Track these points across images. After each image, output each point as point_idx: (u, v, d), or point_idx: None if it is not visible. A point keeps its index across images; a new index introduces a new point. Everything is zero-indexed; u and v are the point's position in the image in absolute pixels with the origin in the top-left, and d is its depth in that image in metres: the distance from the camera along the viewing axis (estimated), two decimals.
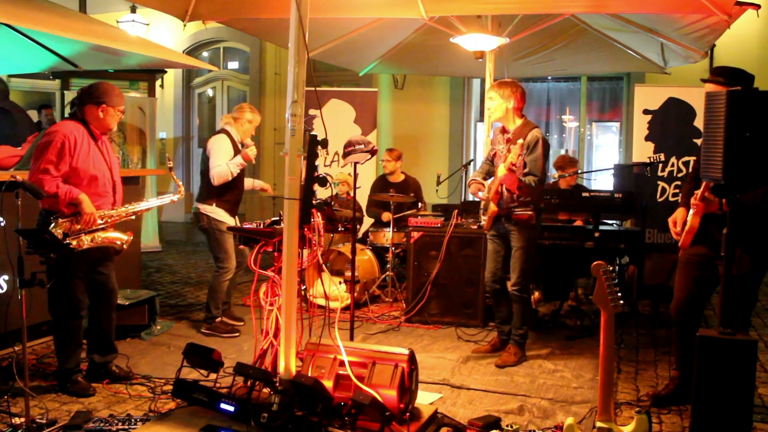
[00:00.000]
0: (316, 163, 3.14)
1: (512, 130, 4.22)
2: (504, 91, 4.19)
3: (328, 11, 4.26)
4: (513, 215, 4.20)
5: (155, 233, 8.82)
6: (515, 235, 4.22)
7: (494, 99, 4.22)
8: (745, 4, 4.02)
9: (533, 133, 4.10)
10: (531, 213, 4.17)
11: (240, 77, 11.14)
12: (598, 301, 2.86)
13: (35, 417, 3.16)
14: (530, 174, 4.09)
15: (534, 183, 4.08)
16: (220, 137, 4.89)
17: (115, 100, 3.68)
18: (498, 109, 4.22)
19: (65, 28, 4.18)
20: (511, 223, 4.22)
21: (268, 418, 2.88)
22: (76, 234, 3.50)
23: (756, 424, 3.28)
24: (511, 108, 4.20)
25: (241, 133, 4.97)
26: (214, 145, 4.84)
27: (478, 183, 4.39)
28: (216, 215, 4.83)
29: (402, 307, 5.66)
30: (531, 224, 4.19)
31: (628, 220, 6.41)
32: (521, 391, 3.80)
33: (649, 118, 6.07)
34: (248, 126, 4.97)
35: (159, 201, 4.03)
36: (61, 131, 3.51)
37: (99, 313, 3.82)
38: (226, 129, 4.94)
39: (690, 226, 3.41)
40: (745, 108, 2.69)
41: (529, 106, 9.56)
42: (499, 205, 4.24)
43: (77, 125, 3.60)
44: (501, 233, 4.33)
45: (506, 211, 4.22)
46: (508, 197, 4.19)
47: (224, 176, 4.79)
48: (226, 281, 4.90)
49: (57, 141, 3.46)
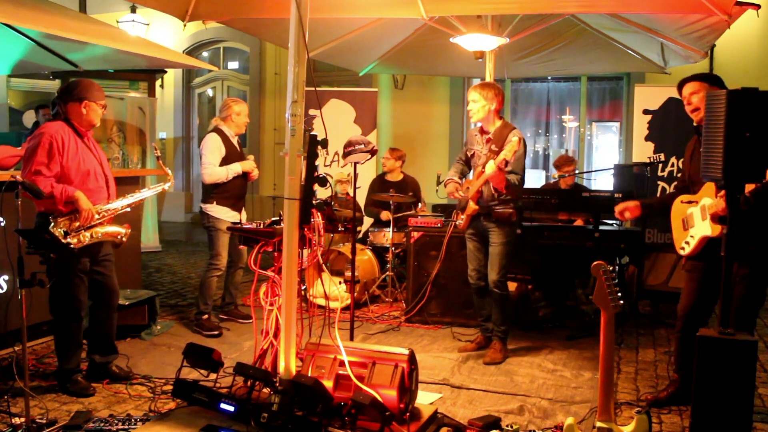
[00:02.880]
0: (316, 163, 3.14)
1: (492, 131, 4.30)
2: (488, 93, 4.26)
3: (328, 11, 4.26)
4: (494, 213, 4.27)
5: (155, 233, 8.82)
6: (495, 232, 4.28)
7: (477, 101, 4.29)
8: (745, 4, 4.02)
9: (515, 133, 4.19)
10: (512, 210, 4.27)
11: (240, 77, 11.14)
12: (598, 301, 2.86)
13: (35, 417, 3.16)
14: (513, 172, 4.20)
15: (517, 181, 4.21)
16: (210, 136, 4.94)
17: (96, 94, 3.69)
18: (481, 110, 4.29)
19: (65, 28, 4.18)
20: (491, 221, 4.29)
21: (268, 418, 2.88)
22: (76, 231, 3.51)
23: (756, 425, 3.28)
24: (493, 110, 4.28)
25: (235, 127, 5.02)
26: (205, 145, 4.92)
27: (455, 182, 4.45)
28: (215, 213, 4.88)
29: (402, 307, 5.67)
30: (511, 221, 4.29)
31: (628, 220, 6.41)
32: (521, 391, 3.80)
33: (649, 118, 6.06)
34: (239, 118, 5.01)
35: (151, 191, 4.03)
36: (47, 132, 3.51)
37: (100, 314, 3.83)
38: (218, 128, 4.99)
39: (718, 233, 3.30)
40: (745, 108, 2.69)
41: (529, 106, 9.65)
42: (479, 204, 4.30)
43: (62, 125, 3.61)
44: (479, 231, 4.39)
45: (486, 209, 4.29)
46: (489, 196, 4.27)
47: (216, 177, 4.84)
48: (213, 278, 4.96)
49: (44, 142, 3.47)
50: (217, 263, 4.94)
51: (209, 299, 4.98)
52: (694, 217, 3.46)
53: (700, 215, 3.41)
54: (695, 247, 3.41)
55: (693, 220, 3.47)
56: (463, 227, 4.46)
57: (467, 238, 4.50)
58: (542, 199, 5.21)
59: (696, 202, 3.44)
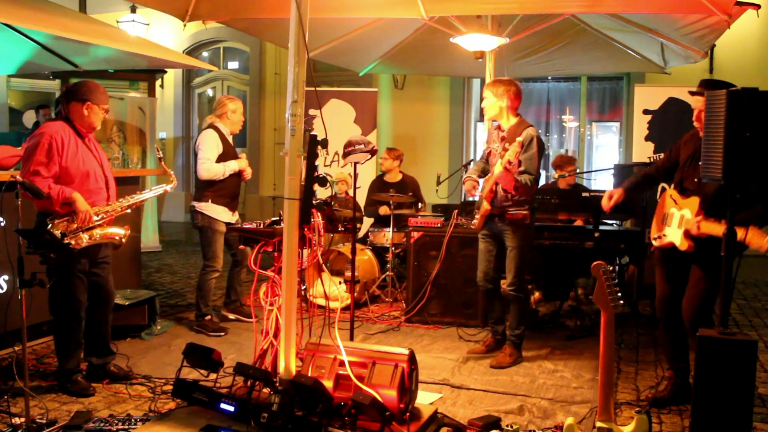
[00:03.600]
0: (316, 163, 3.14)
1: (507, 129, 4.21)
2: (497, 89, 4.18)
3: (328, 11, 4.26)
4: (507, 215, 4.16)
5: (155, 233, 8.82)
6: (509, 234, 4.19)
7: (488, 98, 4.22)
8: (745, 4, 4.02)
9: (528, 132, 4.08)
10: (525, 212, 4.15)
11: (240, 77, 11.14)
12: (598, 301, 2.86)
13: (35, 417, 3.16)
14: (526, 173, 4.07)
15: (529, 182, 4.07)
16: (208, 132, 4.90)
17: (99, 98, 3.67)
18: (492, 107, 4.22)
19: (65, 28, 4.18)
20: (505, 223, 4.19)
21: (268, 418, 2.88)
22: (73, 233, 3.49)
23: (756, 424, 3.28)
24: (504, 107, 4.18)
25: (230, 125, 4.99)
26: (202, 140, 4.86)
27: (473, 180, 4.38)
28: (212, 213, 4.83)
29: (402, 307, 5.66)
30: (525, 224, 4.17)
31: (628, 220, 6.41)
32: (521, 391, 3.80)
33: (649, 118, 6.07)
34: (234, 116, 4.97)
35: (152, 192, 4.01)
36: (47, 132, 3.50)
37: (96, 315, 3.81)
38: (214, 125, 4.95)
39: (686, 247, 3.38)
40: (745, 108, 2.69)
41: (529, 106, 9.64)
42: (493, 204, 4.21)
43: (63, 125, 3.59)
44: (493, 232, 4.30)
45: (500, 210, 4.19)
46: (503, 196, 4.16)
47: (213, 173, 4.79)
48: (212, 279, 4.93)
49: (44, 142, 3.45)
50: (215, 265, 4.89)
51: (209, 300, 4.96)
52: (672, 219, 3.52)
53: (677, 222, 3.45)
54: (664, 245, 3.55)
55: (671, 222, 3.52)
56: (478, 227, 4.36)
57: (480, 239, 4.40)
58: (542, 199, 5.21)
59: (679, 207, 3.47)
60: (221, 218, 4.84)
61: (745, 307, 6.00)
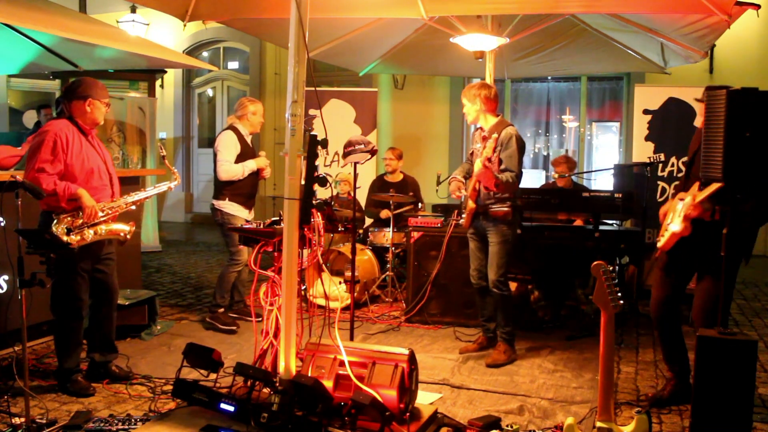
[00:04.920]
0: (316, 163, 3.14)
1: (487, 129, 4.31)
2: (470, 94, 4.29)
3: (328, 11, 4.26)
4: (490, 211, 4.25)
5: (155, 233, 8.82)
6: (492, 231, 4.27)
7: (465, 104, 4.34)
8: (745, 4, 4.02)
9: (507, 130, 4.18)
10: (507, 209, 4.22)
11: (240, 77, 11.14)
12: (598, 301, 2.86)
13: (35, 417, 3.16)
14: (507, 170, 4.16)
15: (511, 179, 4.14)
16: (226, 133, 5.02)
17: (99, 93, 3.71)
18: (470, 112, 4.33)
19: (65, 28, 4.18)
20: (488, 220, 4.28)
21: (268, 418, 2.88)
22: (79, 228, 3.52)
23: (756, 424, 3.28)
24: (480, 110, 4.28)
25: (250, 126, 5.10)
26: (221, 141, 4.98)
27: (458, 181, 4.45)
28: (229, 210, 4.95)
29: (402, 307, 5.66)
30: (508, 220, 4.24)
31: (628, 220, 6.42)
32: (521, 391, 3.80)
33: (649, 118, 6.06)
34: (254, 117, 5.09)
35: (156, 189, 4.03)
36: (51, 130, 3.53)
37: (100, 313, 3.84)
38: (233, 125, 5.07)
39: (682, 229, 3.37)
40: (745, 108, 2.69)
41: (529, 105, 9.66)
42: (477, 202, 4.30)
43: (66, 123, 3.62)
44: (479, 230, 4.38)
45: (484, 207, 4.28)
46: (485, 194, 4.25)
47: (232, 174, 4.91)
48: (234, 272, 5.05)
49: (49, 139, 3.49)
50: (239, 258, 5.00)
51: (226, 293, 5.05)
52: (675, 211, 3.48)
53: (678, 211, 3.42)
54: (668, 241, 3.45)
55: (674, 216, 3.49)
56: (466, 225, 4.45)
57: (469, 238, 4.49)
58: (542, 199, 5.21)
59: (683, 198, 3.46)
60: (239, 215, 4.95)
61: (745, 307, 5.99)
